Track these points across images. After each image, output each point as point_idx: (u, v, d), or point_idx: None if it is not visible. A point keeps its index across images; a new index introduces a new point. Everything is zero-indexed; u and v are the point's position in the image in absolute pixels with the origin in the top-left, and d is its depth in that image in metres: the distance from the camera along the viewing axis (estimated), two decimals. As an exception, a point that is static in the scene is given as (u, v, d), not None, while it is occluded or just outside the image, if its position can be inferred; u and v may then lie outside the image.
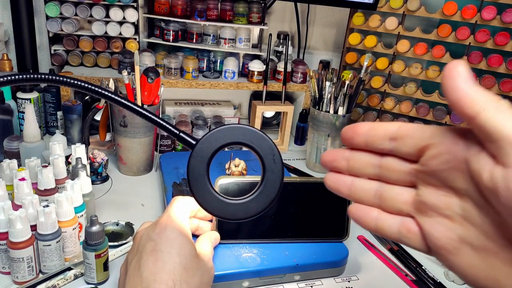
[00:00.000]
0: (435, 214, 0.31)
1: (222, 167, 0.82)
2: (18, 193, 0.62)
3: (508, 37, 1.01)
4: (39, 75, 0.38)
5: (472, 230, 0.29)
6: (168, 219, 0.52)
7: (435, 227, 0.31)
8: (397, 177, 0.32)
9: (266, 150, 0.42)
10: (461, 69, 0.27)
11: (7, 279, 0.60)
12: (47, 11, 1.02)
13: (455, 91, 0.27)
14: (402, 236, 0.33)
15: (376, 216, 0.33)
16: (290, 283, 0.64)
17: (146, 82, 0.84)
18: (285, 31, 1.26)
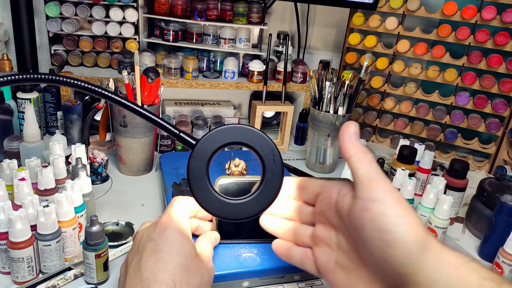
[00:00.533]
0: (322, 244, 0.43)
1: (222, 167, 0.82)
2: (18, 193, 0.62)
3: (508, 37, 1.01)
4: (39, 75, 0.38)
5: (342, 255, 0.41)
6: (169, 219, 0.52)
7: (321, 254, 0.43)
8: (305, 218, 0.46)
9: (266, 150, 0.42)
10: (351, 127, 0.40)
11: (7, 279, 0.60)
12: (47, 11, 1.02)
13: (342, 141, 0.40)
14: (302, 262, 0.45)
15: (289, 248, 0.47)
16: (290, 283, 0.64)
17: (146, 82, 0.84)
18: (285, 31, 1.26)
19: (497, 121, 1.07)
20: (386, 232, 0.35)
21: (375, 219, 0.35)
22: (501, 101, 1.05)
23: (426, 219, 0.77)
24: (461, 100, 1.09)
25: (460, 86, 1.09)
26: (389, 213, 0.35)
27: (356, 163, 0.38)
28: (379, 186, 0.37)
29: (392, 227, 0.35)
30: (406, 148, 0.91)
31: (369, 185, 0.37)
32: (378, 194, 0.36)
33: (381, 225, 0.35)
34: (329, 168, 1.03)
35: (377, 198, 0.36)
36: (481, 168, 1.13)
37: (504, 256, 0.66)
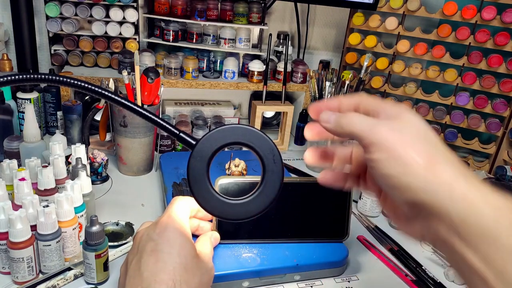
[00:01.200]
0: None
1: (222, 167, 0.81)
2: (18, 193, 0.62)
3: (508, 37, 1.01)
4: (39, 75, 0.38)
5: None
6: (169, 219, 0.52)
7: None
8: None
9: (266, 150, 0.42)
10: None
11: (7, 279, 0.60)
12: (47, 11, 1.02)
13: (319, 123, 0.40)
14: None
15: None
16: (290, 283, 0.64)
17: (146, 82, 0.84)
18: (285, 31, 1.26)
19: (497, 121, 1.07)
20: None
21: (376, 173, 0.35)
22: (501, 101, 1.05)
23: (426, 219, 0.77)
24: (461, 100, 1.09)
25: (460, 86, 1.09)
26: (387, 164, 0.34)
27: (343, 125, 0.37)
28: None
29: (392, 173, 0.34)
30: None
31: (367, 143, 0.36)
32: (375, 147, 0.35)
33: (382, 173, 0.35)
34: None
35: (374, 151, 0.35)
36: (481, 168, 1.13)
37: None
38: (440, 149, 0.35)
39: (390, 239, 0.77)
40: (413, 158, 0.33)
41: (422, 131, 0.36)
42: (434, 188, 0.32)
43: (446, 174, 0.33)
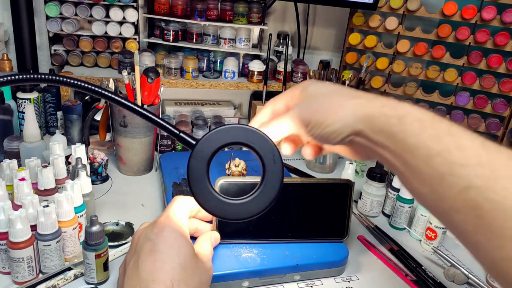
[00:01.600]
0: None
1: (222, 167, 0.81)
2: (18, 193, 0.62)
3: (508, 37, 1.01)
4: (39, 75, 0.38)
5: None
6: (167, 219, 0.51)
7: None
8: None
9: (266, 150, 0.42)
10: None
11: (7, 279, 0.60)
12: (47, 11, 1.02)
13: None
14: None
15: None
16: (290, 283, 0.64)
17: (146, 82, 0.84)
18: (285, 31, 1.26)
19: (497, 121, 1.07)
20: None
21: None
22: (501, 101, 1.05)
23: (426, 219, 0.77)
24: (461, 100, 1.09)
25: (460, 86, 1.09)
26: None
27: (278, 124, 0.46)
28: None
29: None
30: (406, 148, 0.91)
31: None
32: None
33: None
34: (329, 168, 1.03)
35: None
36: (481, 168, 1.13)
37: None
38: (340, 92, 0.45)
39: (390, 239, 0.77)
40: (326, 116, 0.43)
41: (320, 92, 0.46)
42: (350, 122, 0.42)
43: (349, 108, 0.42)
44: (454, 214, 0.36)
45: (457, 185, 0.35)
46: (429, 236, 0.76)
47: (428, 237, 0.76)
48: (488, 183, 0.33)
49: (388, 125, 0.39)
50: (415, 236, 0.79)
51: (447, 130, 0.37)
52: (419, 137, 0.37)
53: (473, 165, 0.34)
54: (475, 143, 0.36)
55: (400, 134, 0.38)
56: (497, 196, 0.33)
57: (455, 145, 0.36)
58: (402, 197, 0.80)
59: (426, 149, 0.37)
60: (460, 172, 0.35)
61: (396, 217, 0.82)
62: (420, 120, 0.38)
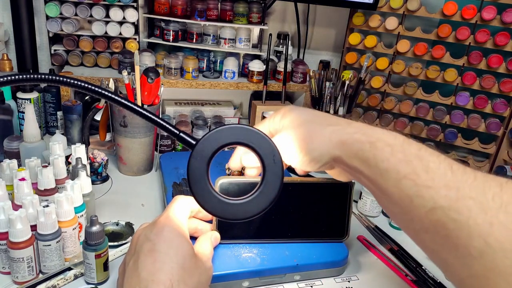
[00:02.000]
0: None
1: (222, 167, 0.81)
2: (18, 193, 0.62)
3: (508, 37, 1.01)
4: (39, 75, 0.38)
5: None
6: (167, 219, 0.51)
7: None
8: None
9: (266, 150, 0.42)
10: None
11: (7, 279, 0.60)
12: (47, 11, 1.02)
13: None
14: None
15: None
16: (290, 283, 0.64)
17: (146, 82, 0.84)
18: (285, 31, 1.26)
19: (497, 121, 1.07)
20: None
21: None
22: (501, 101, 1.05)
23: (426, 219, 0.77)
24: (461, 100, 1.09)
25: (460, 86, 1.09)
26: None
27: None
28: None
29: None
30: (406, 148, 0.91)
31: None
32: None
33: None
34: (329, 168, 1.02)
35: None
36: (481, 168, 1.13)
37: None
38: (316, 121, 0.48)
39: (390, 239, 0.77)
40: (304, 145, 0.47)
41: (297, 122, 0.50)
42: (328, 149, 0.45)
43: (325, 136, 0.45)
44: (423, 234, 0.38)
45: (424, 206, 0.36)
46: (429, 236, 0.76)
47: (428, 237, 0.76)
48: (453, 204, 0.34)
49: (361, 150, 0.42)
50: (415, 236, 0.79)
51: (415, 154, 0.39)
52: (389, 162, 0.39)
53: (439, 187, 0.36)
54: (442, 165, 0.37)
55: (372, 159, 0.41)
56: (461, 216, 0.34)
57: (423, 168, 0.37)
58: (402, 197, 0.80)
59: (396, 173, 0.39)
60: (427, 193, 0.36)
61: (396, 217, 0.82)
62: (390, 145, 0.40)
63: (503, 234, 0.32)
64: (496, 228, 0.32)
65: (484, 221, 0.33)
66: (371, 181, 0.42)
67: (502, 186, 0.34)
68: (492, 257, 0.32)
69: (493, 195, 0.34)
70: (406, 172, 0.38)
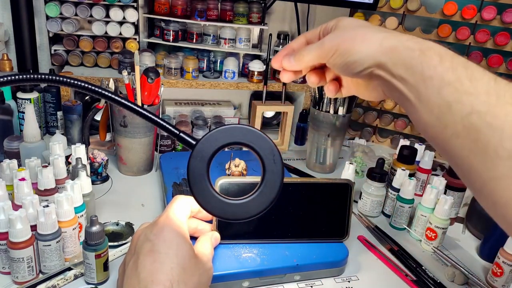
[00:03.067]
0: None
1: (222, 167, 0.82)
2: (18, 193, 0.62)
3: (508, 37, 1.01)
4: (39, 75, 0.38)
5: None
6: (167, 219, 0.51)
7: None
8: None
9: (266, 150, 0.42)
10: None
11: (7, 279, 0.60)
12: (47, 11, 1.02)
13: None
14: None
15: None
16: (290, 283, 0.64)
17: (146, 82, 0.84)
18: (285, 31, 1.26)
19: (497, 121, 1.07)
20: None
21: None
22: (501, 101, 1.05)
23: (426, 219, 0.77)
24: (461, 100, 1.09)
25: (460, 86, 1.09)
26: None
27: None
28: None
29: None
30: (406, 148, 0.91)
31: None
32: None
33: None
34: (329, 168, 1.03)
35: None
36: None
37: (504, 256, 0.66)
38: (369, 26, 0.47)
39: (390, 239, 0.77)
40: (352, 45, 0.45)
41: (351, 25, 0.48)
42: (374, 53, 0.43)
43: (375, 40, 0.44)
44: (454, 140, 0.38)
45: (461, 112, 0.37)
46: (429, 236, 0.76)
47: (428, 237, 0.76)
48: (491, 109, 0.35)
49: (410, 57, 0.41)
50: (415, 236, 0.79)
51: (463, 64, 0.39)
52: (436, 69, 0.39)
53: (480, 93, 0.36)
54: (486, 76, 0.38)
55: (419, 66, 0.40)
56: (497, 120, 0.35)
57: (467, 76, 0.38)
58: (402, 197, 0.80)
59: (440, 80, 0.39)
60: (467, 99, 0.37)
61: (396, 217, 0.82)
62: (440, 55, 0.40)
63: None
64: None
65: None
66: (411, 90, 0.42)
67: None
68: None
69: None
70: (450, 80, 0.38)
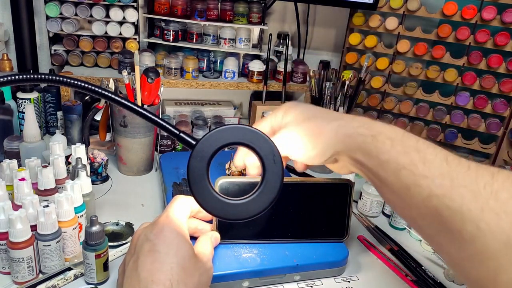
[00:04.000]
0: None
1: (222, 167, 0.81)
2: (18, 193, 0.62)
3: (508, 37, 1.01)
4: (39, 75, 0.38)
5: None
6: (166, 219, 0.51)
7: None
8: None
9: (266, 150, 0.42)
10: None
11: (7, 279, 0.60)
12: (47, 11, 1.02)
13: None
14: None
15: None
16: (290, 283, 0.64)
17: (146, 82, 0.84)
18: (285, 31, 1.26)
19: (497, 121, 1.07)
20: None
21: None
22: (501, 101, 1.05)
23: (426, 219, 0.77)
24: (461, 100, 1.09)
25: (460, 86, 1.09)
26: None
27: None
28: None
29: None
30: (406, 148, 0.91)
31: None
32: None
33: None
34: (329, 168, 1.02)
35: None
36: (481, 168, 1.13)
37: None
38: (320, 116, 0.50)
39: (390, 239, 0.77)
40: (310, 140, 0.49)
41: (300, 118, 0.51)
42: (332, 143, 0.47)
43: (330, 131, 0.47)
44: (420, 220, 0.40)
45: (420, 195, 0.39)
46: (429, 236, 0.76)
47: (428, 237, 0.76)
48: (447, 192, 0.37)
49: (364, 143, 0.45)
50: (415, 236, 0.79)
51: (414, 146, 0.41)
52: (389, 153, 0.42)
53: (435, 176, 0.38)
54: (438, 157, 0.40)
55: (374, 151, 0.43)
56: (455, 203, 0.36)
57: (420, 159, 0.40)
58: (402, 197, 0.80)
59: (395, 164, 0.41)
60: (423, 183, 0.39)
61: (396, 217, 0.82)
62: (391, 139, 0.43)
63: (493, 219, 0.34)
64: (487, 213, 0.35)
65: (475, 208, 0.35)
66: (372, 172, 0.45)
67: (493, 175, 0.37)
68: (483, 240, 0.35)
69: (484, 183, 0.36)
70: (405, 163, 0.40)
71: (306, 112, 0.51)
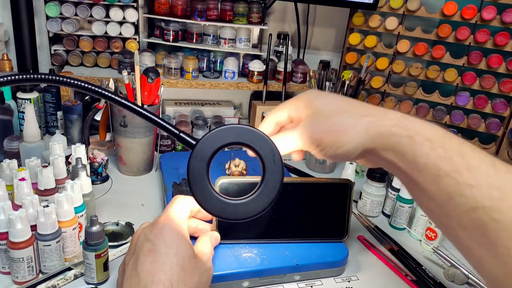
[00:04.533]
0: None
1: (222, 167, 0.81)
2: (18, 193, 0.62)
3: (508, 37, 1.01)
4: (39, 75, 0.38)
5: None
6: (166, 219, 0.51)
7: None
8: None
9: (266, 150, 0.42)
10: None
11: (7, 279, 0.60)
12: (47, 11, 1.02)
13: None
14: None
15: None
16: (290, 283, 0.64)
17: (146, 82, 0.84)
18: (285, 31, 1.26)
19: (497, 121, 1.07)
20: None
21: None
22: (501, 101, 1.05)
23: (426, 219, 0.77)
24: (461, 100, 1.09)
25: (460, 86, 1.09)
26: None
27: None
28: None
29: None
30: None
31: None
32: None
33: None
34: (329, 168, 1.03)
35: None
36: (481, 168, 1.13)
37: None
38: (349, 110, 0.44)
39: (390, 239, 0.77)
40: (338, 137, 0.43)
41: (325, 111, 0.45)
42: (362, 141, 0.42)
43: (360, 128, 0.42)
44: (460, 231, 0.36)
45: (465, 205, 0.35)
46: (429, 236, 0.76)
47: (428, 237, 0.76)
48: (495, 203, 0.34)
49: (399, 144, 0.40)
50: (415, 236, 0.79)
51: (457, 150, 0.37)
52: (428, 158, 0.38)
53: (482, 186, 0.35)
54: (485, 163, 0.36)
55: (410, 153, 0.39)
56: (503, 216, 0.33)
57: (465, 165, 0.36)
58: (402, 197, 0.80)
59: (436, 169, 0.37)
60: (469, 192, 0.35)
61: (396, 217, 0.82)
62: (430, 140, 0.39)
63: None
64: None
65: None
66: (406, 175, 0.40)
67: None
68: None
69: None
70: (447, 170, 0.36)
71: (332, 105, 0.45)
